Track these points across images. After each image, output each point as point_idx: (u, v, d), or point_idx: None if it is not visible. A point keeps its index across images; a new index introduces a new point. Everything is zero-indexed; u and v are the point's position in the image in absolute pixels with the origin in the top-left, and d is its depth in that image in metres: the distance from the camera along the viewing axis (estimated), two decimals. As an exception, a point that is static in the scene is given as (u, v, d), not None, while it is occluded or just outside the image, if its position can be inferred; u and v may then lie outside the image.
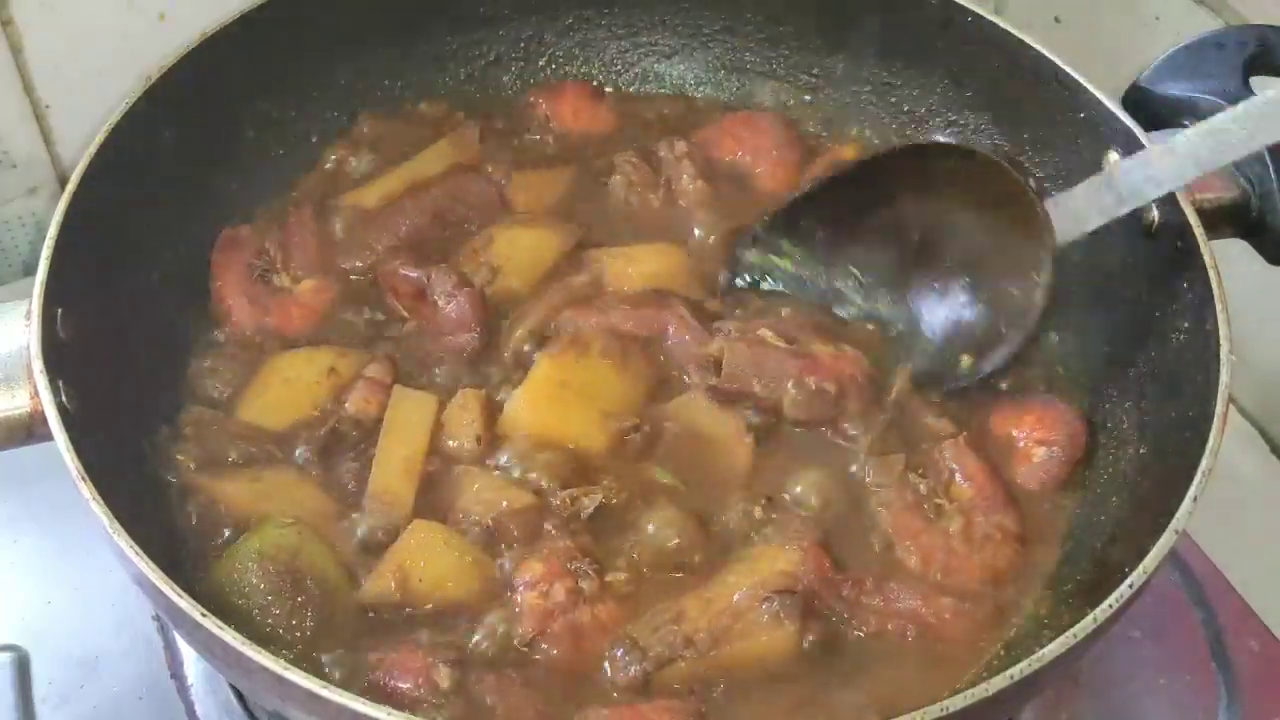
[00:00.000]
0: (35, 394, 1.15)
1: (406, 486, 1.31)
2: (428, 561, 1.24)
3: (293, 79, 1.57)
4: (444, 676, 1.15)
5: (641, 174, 1.61)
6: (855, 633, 1.24)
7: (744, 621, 1.20)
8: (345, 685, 1.05)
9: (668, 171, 1.62)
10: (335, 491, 1.32)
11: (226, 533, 1.28)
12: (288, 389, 1.40)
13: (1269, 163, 1.37)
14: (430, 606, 1.23)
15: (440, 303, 1.44)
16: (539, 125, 1.71)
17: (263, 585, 1.20)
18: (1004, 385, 1.44)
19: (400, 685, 1.15)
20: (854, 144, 1.69)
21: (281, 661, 0.99)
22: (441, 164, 1.61)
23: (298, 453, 1.34)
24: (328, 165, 1.62)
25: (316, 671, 1.05)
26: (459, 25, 1.70)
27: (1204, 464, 1.15)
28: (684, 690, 1.18)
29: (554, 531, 1.27)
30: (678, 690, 1.18)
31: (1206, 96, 1.43)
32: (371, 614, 1.23)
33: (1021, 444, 1.39)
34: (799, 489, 1.33)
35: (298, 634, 1.19)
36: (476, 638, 1.20)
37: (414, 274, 1.46)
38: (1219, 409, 1.18)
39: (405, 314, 1.48)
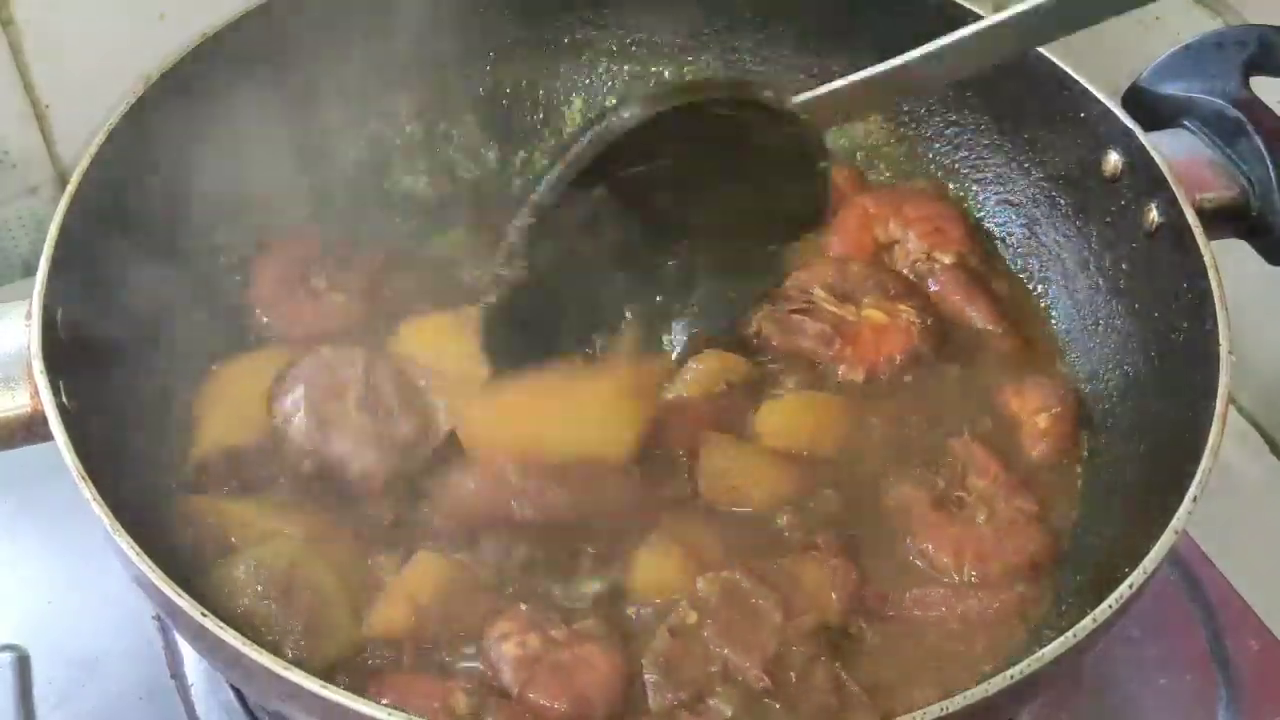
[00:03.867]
0: (35, 394, 1.15)
1: None
2: (437, 593, 1.22)
3: (294, 80, 1.57)
4: (461, 703, 1.14)
5: None
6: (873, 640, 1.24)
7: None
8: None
9: None
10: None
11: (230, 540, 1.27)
12: (242, 397, 1.35)
13: (1269, 163, 1.37)
14: (439, 637, 1.21)
15: None
16: None
17: (255, 590, 1.19)
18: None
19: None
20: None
21: (281, 662, 0.99)
22: None
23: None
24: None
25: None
26: (454, 26, 1.70)
27: (1204, 464, 1.15)
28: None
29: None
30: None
31: (1206, 97, 1.43)
32: (375, 649, 1.21)
33: (1022, 417, 1.41)
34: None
35: (289, 640, 1.18)
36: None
37: None
38: (1219, 409, 1.18)
39: None
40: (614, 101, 1.57)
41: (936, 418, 1.41)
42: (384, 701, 1.10)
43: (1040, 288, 1.56)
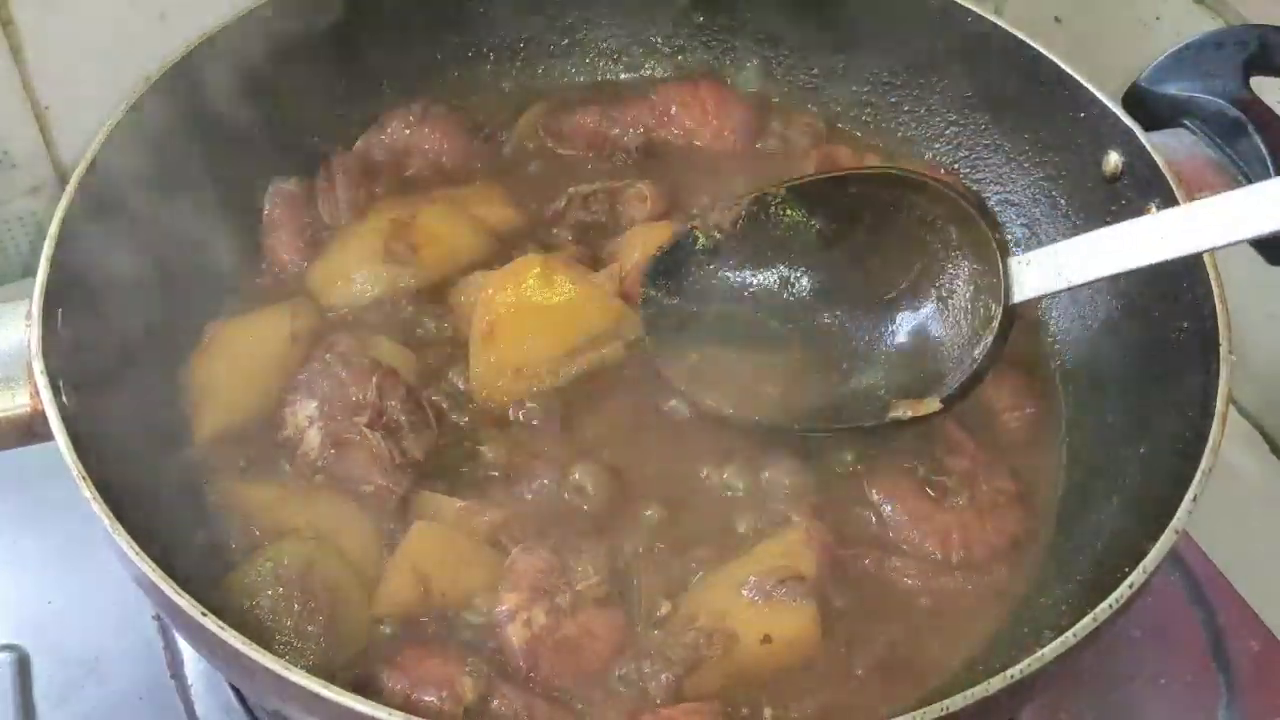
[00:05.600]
0: (35, 394, 1.15)
1: None
2: (440, 561, 1.24)
3: (295, 79, 1.57)
4: (468, 688, 1.15)
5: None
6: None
7: (759, 611, 1.21)
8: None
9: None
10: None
11: (235, 536, 1.29)
12: (240, 366, 1.38)
13: (1269, 163, 1.37)
14: (445, 610, 1.23)
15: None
16: None
17: (275, 593, 1.20)
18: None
19: (423, 698, 1.14)
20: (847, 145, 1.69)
21: (281, 661, 0.99)
22: None
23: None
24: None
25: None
26: (454, 25, 1.70)
27: (1204, 464, 1.15)
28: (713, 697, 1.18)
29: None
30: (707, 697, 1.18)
31: (1206, 96, 1.43)
32: (385, 626, 1.23)
33: (996, 409, 1.42)
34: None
35: (310, 644, 1.18)
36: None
37: None
38: (1219, 409, 1.18)
39: None
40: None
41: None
42: (397, 687, 1.15)
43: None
